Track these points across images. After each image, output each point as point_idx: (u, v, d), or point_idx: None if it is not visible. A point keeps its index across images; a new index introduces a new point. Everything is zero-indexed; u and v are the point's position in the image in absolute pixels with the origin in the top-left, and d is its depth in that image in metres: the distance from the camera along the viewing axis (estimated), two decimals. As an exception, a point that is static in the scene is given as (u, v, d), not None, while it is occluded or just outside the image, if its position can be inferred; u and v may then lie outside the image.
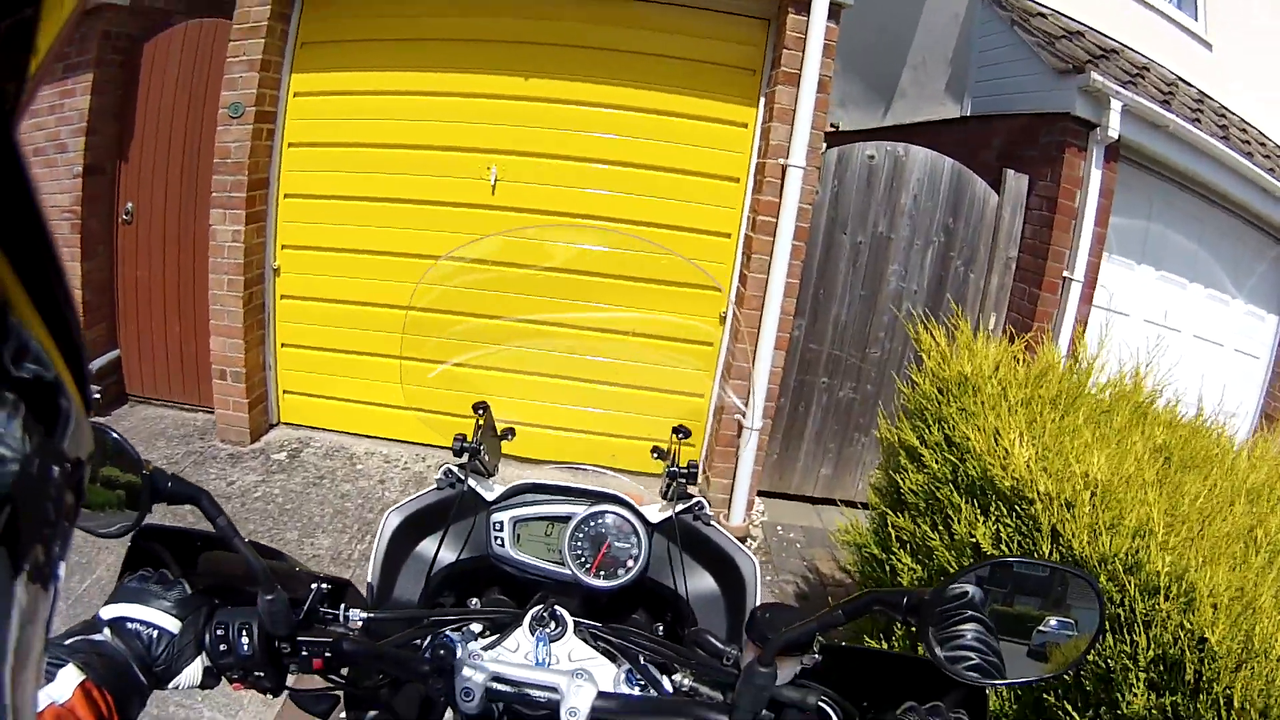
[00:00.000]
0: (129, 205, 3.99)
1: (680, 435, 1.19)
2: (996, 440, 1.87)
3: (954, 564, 1.86)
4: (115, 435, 0.72)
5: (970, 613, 0.64)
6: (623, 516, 1.12)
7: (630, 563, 1.11)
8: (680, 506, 1.12)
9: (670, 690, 0.88)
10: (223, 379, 3.61)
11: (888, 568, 2.15)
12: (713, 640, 0.89)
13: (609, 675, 0.89)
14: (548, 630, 0.92)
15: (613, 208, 3.39)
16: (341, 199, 3.57)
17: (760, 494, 3.66)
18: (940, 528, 1.95)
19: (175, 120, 3.74)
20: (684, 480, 1.13)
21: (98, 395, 3.98)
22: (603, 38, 3.32)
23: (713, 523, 1.13)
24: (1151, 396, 2.38)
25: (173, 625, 0.77)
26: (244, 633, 0.81)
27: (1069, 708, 1.48)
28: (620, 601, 1.17)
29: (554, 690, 0.81)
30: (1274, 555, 1.55)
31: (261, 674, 0.83)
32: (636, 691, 0.89)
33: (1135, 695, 1.36)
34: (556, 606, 0.94)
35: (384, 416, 3.73)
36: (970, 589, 0.64)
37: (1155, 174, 3.86)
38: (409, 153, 3.49)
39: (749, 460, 3.27)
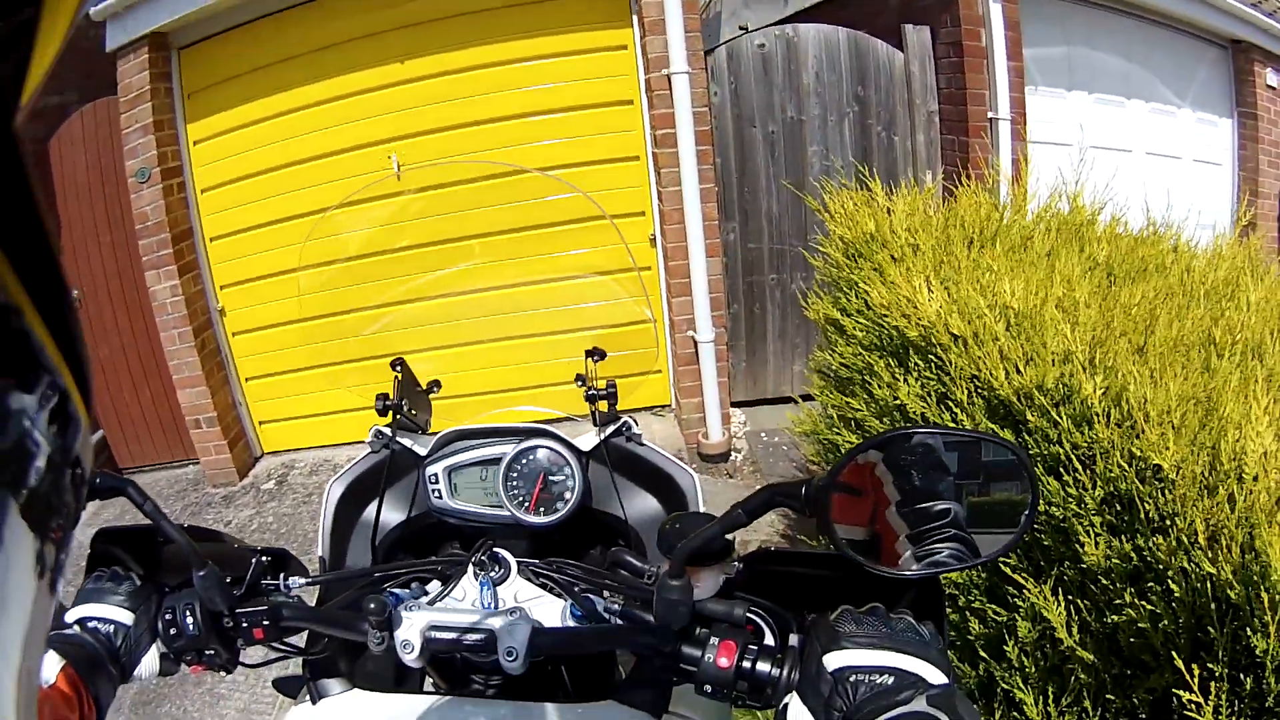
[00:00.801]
0: (75, 293, 4.05)
1: (594, 357, 1.17)
2: (900, 292, 1.77)
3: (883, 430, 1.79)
4: None
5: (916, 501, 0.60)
6: (553, 449, 1.10)
7: (568, 495, 1.09)
8: (609, 430, 1.10)
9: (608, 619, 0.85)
10: (198, 427, 3.66)
11: (841, 450, 2.08)
12: (630, 559, 0.86)
13: (555, 611, 0.89)
14: (491, 574, 0.91)
15: (518, 161, 3.36)
16: (265, 226, 3.59)
17: (738, 404, 3.62)
18: (866, 397, 1.88)
19: (94, 200, 3.81)
20: (606, 400, 1.11)
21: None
22: (459, 3, 3.29)
23: (645, 441, 1.11)
24: (1092, 216, 2.27)
25: (125, 617, 0.80)
26: (189, 613, 0.82)
27: (1028, 570, 1.34)
28: (571, 537, 1.15)
29: (490, 632, 0.79)
30: (1243, 353, 1.40)
31: (212, 651, 0.84)
32: (578, 625, 0.87)
33: (1092, 543, 1.21)
34: (496, 549, 0.93)
35: (359, 421, 3.73)
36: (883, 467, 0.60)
37: (1058, -4, 3.73)
38: (314, 164, 3.50)
39: (711, 373, 3.24)
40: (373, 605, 0.82)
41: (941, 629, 0.64)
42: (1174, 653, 1.09)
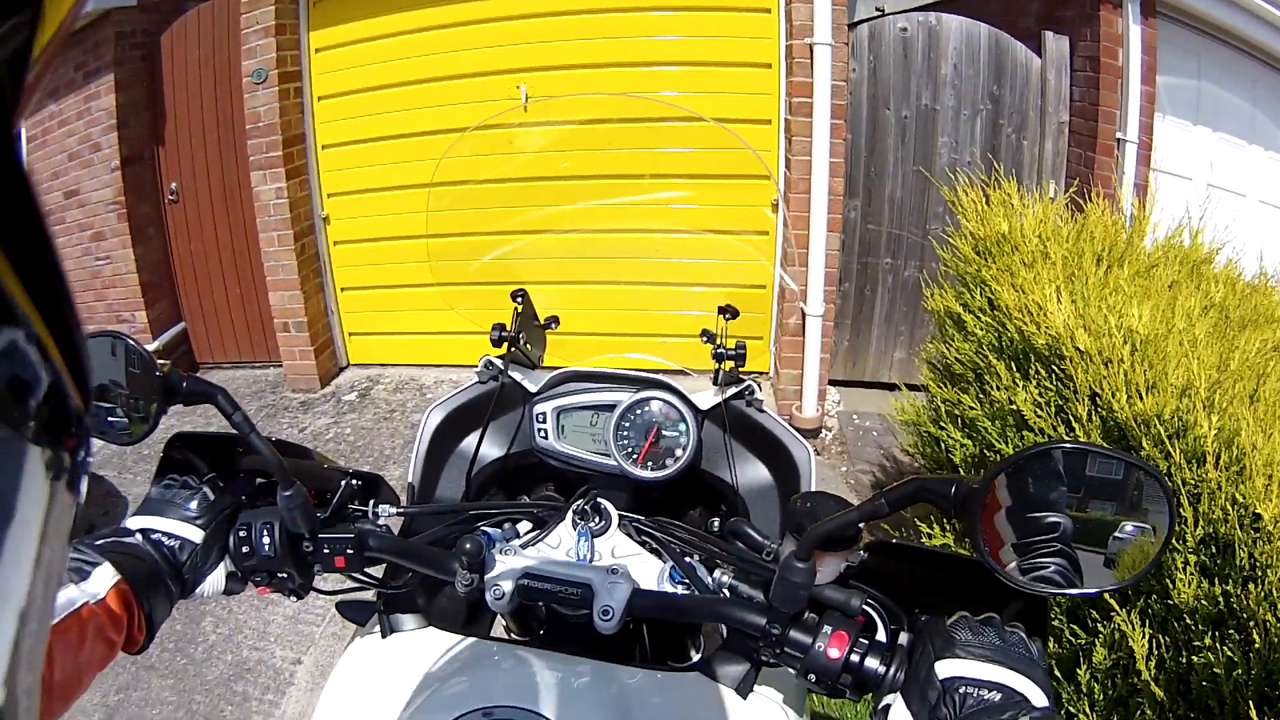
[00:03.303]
0: (173, 186, 4.04)
1: (727, 315, 1.10)
2: (1032, 297, 1.77)
3: (997, 436, 1.76)
4: (130, 341, 0.71)
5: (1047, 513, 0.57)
6: (670, 403, 1.04)
7: (679, 452, 1.03)
8: (730, 391, 1.04)
9: (712, 588, 0.81)
10: (286, 331, 3.65)
11: (942, 445, 2.05)
12: (751, 533, 0.82)
13: (653, 572, 0.85)
14: (590, 525, 0.88)
15: (646, 109, 3.26)
16: (380, 140, 3.60)
17: (834, 383, 3.55)
18: (981, 396, 1.87)
19: (205, 99, 3.84)
20: (733, 361, 1.05)
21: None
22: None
23: (765, 408, 1.05)
24: (1209, 255, 2.18)
25: (194, 535, 0.76)
26: (265, 532, 0.78)
27: (1116, 596, 1.33)
28: (674, 496, 1.11)
29: (587, 587, 0.76)
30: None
31: (285, 575, 0.80)
32: (678, 590, 0.84)
33: (1184, 582, 1.19)
34: (600, 499, 0.89)
35: (451, 345, 3.78)
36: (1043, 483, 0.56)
37: (1197, 30, 3.61)
38: (435, 85, 3.49)
39: (815, 348, 3.17)
40: (469, 546, 0.79)
41: (1045, 647, 0.62)
42: (1239, 699, 1.08)
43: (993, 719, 0.54)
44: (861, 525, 0.63)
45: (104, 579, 0.66)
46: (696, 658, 1.05)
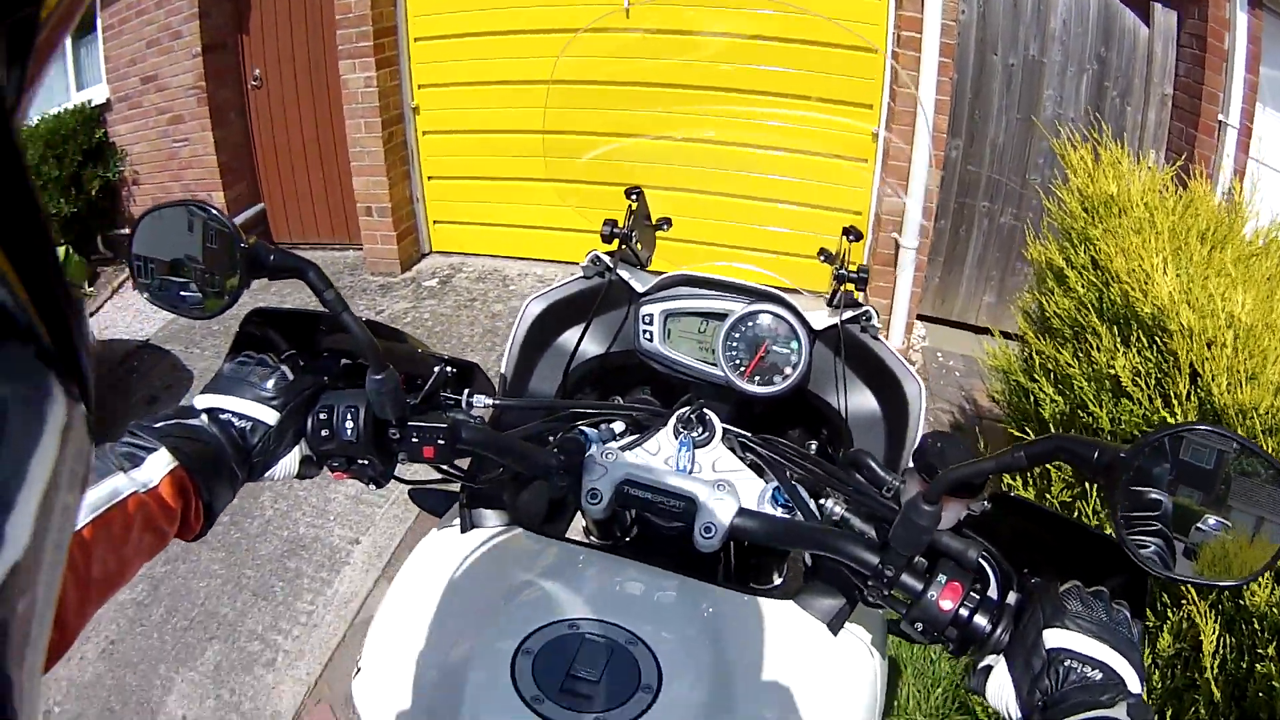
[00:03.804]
0: (256, 72, 4.04)
1: (850, 236, 1.06)
2: (1140, 264, 1.74)
3: (1092, 398, 1.72)
4: (213, 210, 0.65)
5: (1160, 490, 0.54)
6: (784, 319, 1.00)
7: (788, 370, 0.99)
8: (847, 314, 0.98)
9: (819, 516, 0.78)
10: (369, 215, 3.70)
11: (1032, 398, 2.04)
12: (874, 466, 0.77)
13: (753, 492, 0.82)
14: (693, 435, 0.84)
15: (751, 26, 3.23)
16: (473, 36, 3.60)
17: (921, 318, 3.55)
18: (1080, 355, 1.84)
19: None
20: (854, 284, 1.01)
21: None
22: None
23: (880, 337, 1.00)
24: None
25: (268, 416, 0.70)
26: (349, 416, 0.72)
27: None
28: (772, 416, 1.07)
29: (691, 501, 0.73)
30: None
31: (365, 462, 0.75)
32: (781, 513, 0.81)
33: (1260, 584, 1.15)
34: (706, 410, 0.85)
35: (537, 239, 3.80)
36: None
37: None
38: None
39: (906, 281, 3.18)
40: (570, 444, 0.77)
41: (1145, 629, 0.60)
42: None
43: (1092, 698, 0.52)
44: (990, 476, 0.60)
45: (158, 465, 0.62)
46: (778, 582, 1.02)
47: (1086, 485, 1.61)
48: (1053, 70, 3.37)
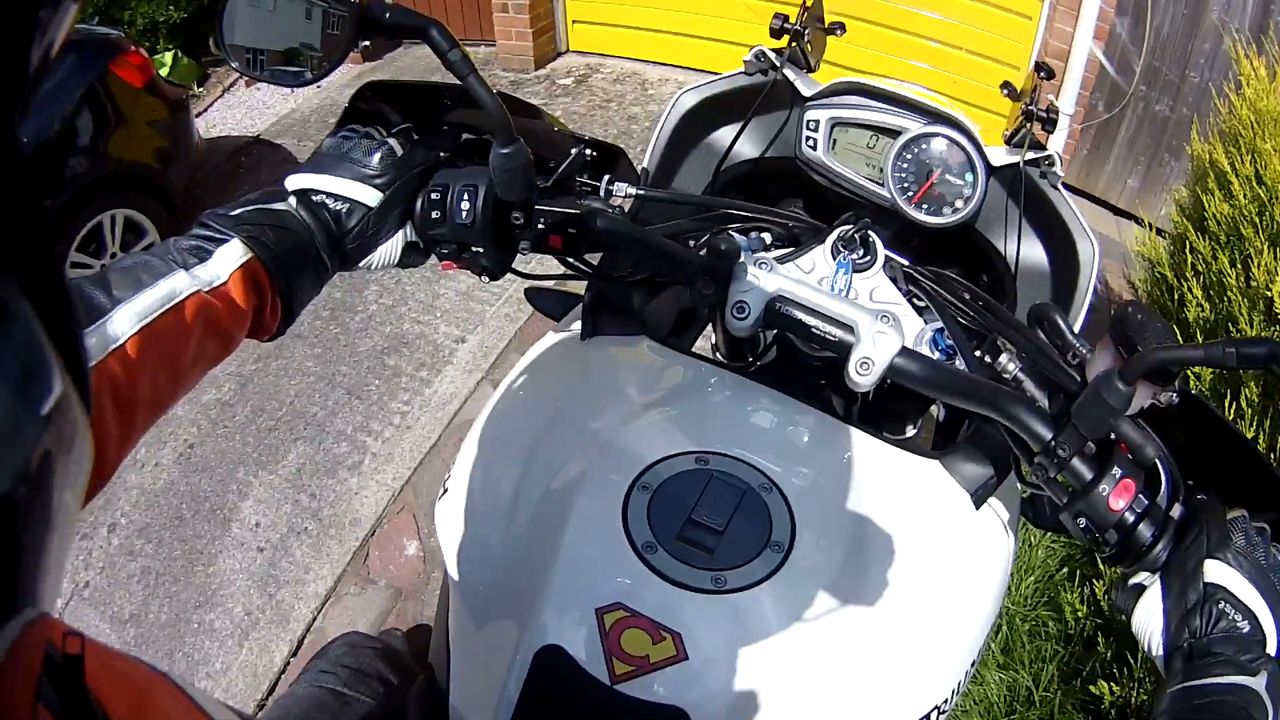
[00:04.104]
0: None
1: (1042, 73, 0.95)
2: None
3: (1244, 314, 1.63)
4: None
5: None
6: (963, 146, 0.91)
7: (959, 204, 0.91)
8: (1030, 155, 0.89)
9: (984, 371, 0.69)
10: (504, 11, 3.68)
11: (1175, 296, 1.97)
12: (1064, 326, 0.64)
13: (912, 330, 0.74)
14: (853, 257, 0.75)
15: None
16: None
17: (1065, 186, 3.45)
18: (1239, 266, 1.76)
19: None
20: (1041, 124, 0.91)
21: (367, 43, 4.11)
22: None
23: (1060, 186, 0.91)
24: None
25: (368, 196, 0.63)
26: (466, 196, 0.64)
27: None
28: (929, 252, 0.98)
29: (849, 330, 0.65)
30: None
31: (480, 250, 0.66)
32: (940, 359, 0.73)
33: None
34: (870, 232, 0.76)
35: (681, 44, 3.67)
36: None
37: None
38: None
39: (1057, 144, 3.05)
40: (724, 246, 0.68)
41: None
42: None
43: (1235, 655, 0.49)
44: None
45: (228, 259, 0.56)
46: (911, 432, 0.96)
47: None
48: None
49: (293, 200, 0.62)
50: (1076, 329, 0.66)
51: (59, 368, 0.18)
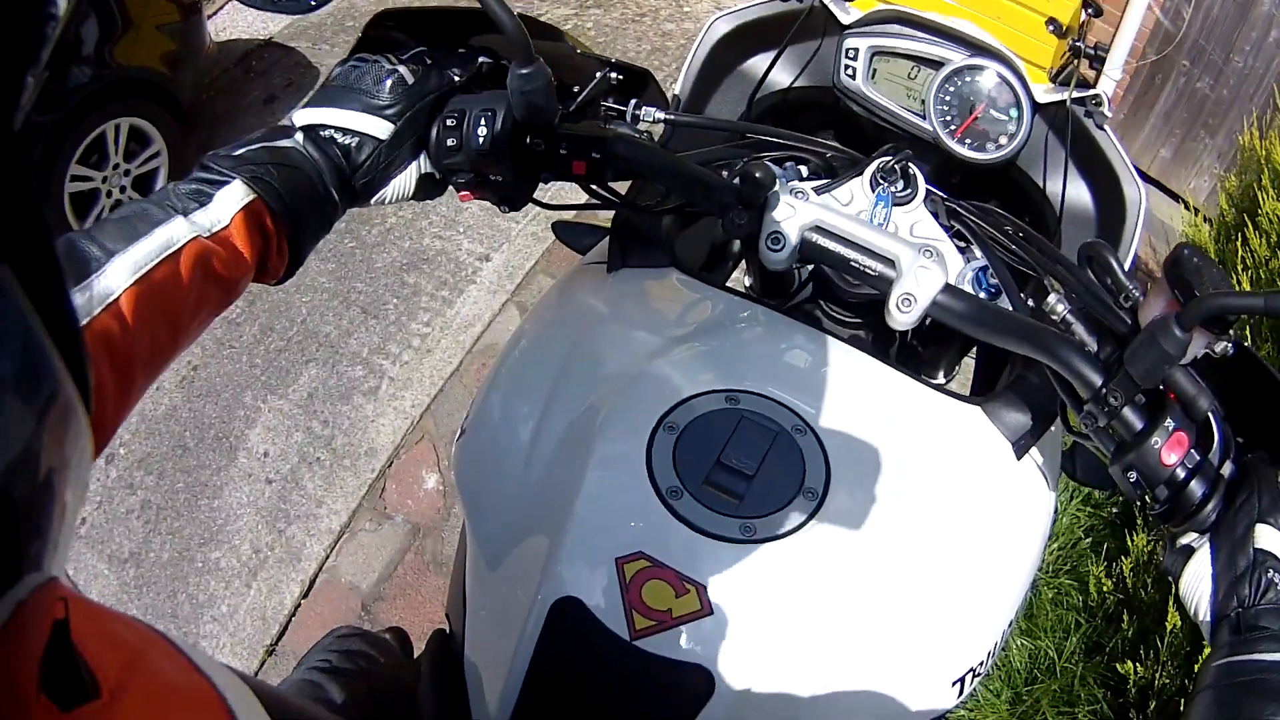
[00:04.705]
0: None
1: (1090, 10, 0.94)
2: None
3: None
4: None
5: None
6: (1008, 81, 0.88)
7: (1004, 140, 0.88)
8: (1076, 93, 0.86)
9: (1031, 312, 0.67)
10: None
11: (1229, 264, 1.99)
12: (1117, 266, 0.60)
13: (955, 267, 0.71)
14: (894, 190, 0.72)
15: None
16: None
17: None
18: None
19: None
20: (1090, 61, 0.91)
21: None
22: None
23: (1106, 127, 0.88)
24: None
25: (379, 129, 0.59)
26: (483, 120, 0.60)
27: None
28: (970, 190, 0.95)
29: (890, 264, 0.62)
30: None
31: (500, 178, 0.63)
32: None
33: None
34: (911, 164, 0.73)
35: None
36: None
37: None
38: None
39: (1106, 90, 3.02)
40: (759, 173, 0.64)
41: None
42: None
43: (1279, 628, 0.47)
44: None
45: (230, 202, 0.53)
46: (942, 380, 0.93)
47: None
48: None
49: (299, 136, 0.59)
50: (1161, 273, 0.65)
51: (53, 351, 0.18)
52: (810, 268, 0.82)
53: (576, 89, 0.67)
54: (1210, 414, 0.54)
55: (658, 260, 0.73)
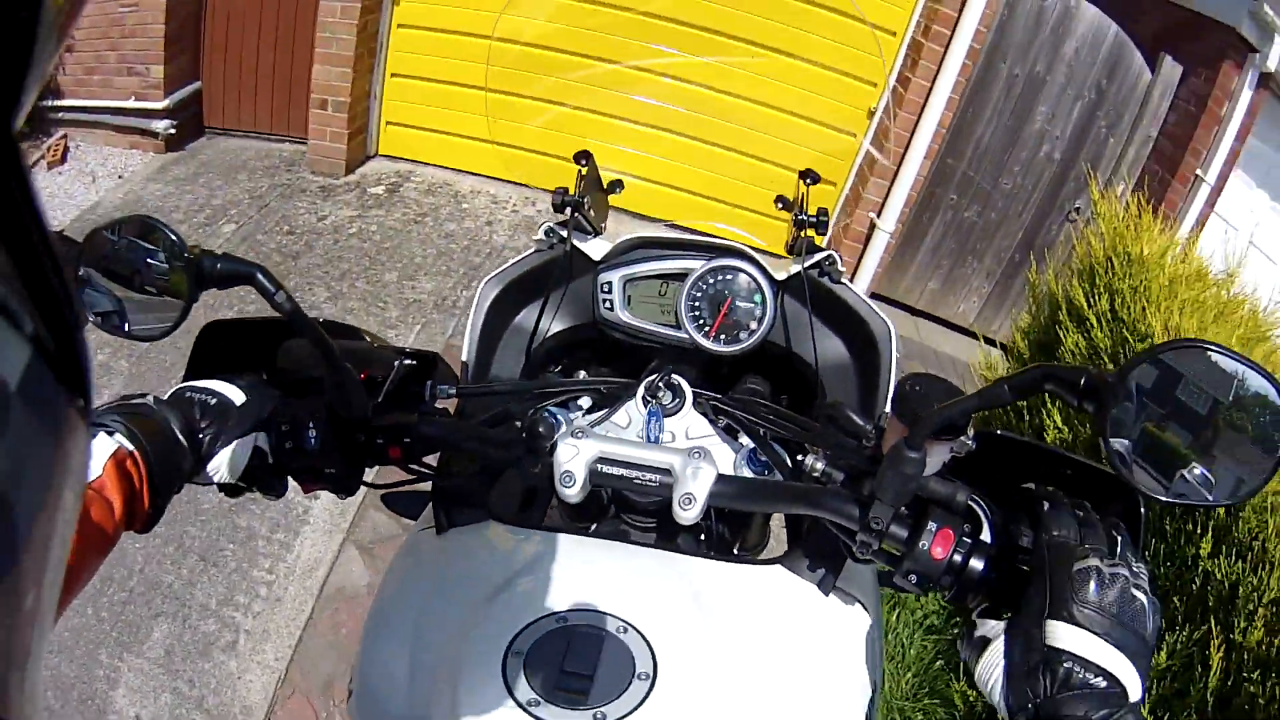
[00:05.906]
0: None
1: (808, 180, 1.02)
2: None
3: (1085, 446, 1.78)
4: (157, 222, 0.62)
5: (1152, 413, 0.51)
6: (746, 272, 0.98)
7: (754, 325, 0.98)
8: (809, 261, 0.96)
9: (798, 474, 0.77)
10: (323, 108, 3.41)
11: (1028, 419, 2.08)
12: (850, 416, 0.73)
13: (728, 457, 0.81)
14: (664, 403, 0.83)
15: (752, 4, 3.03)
16: None
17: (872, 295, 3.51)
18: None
19: None
20: (814, 228, 0.97)
21: (173, 131, 3.58)
22: None
23: (844, 280, 0.99)
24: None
25: (236, 396, 0.67)
26: (311, 423, 0.69)
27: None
28: (741, 373, 1.05)
29: (667, 473, 0.70)
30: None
31: (333, 471, 0.71)
32: (759, 475, 0.80)
33: (1254, 628, 1.31)
34: (674, 376, 0.84)
35: (494, 155, 3.37)
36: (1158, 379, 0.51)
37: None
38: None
39: (873, 261, 3.25)
40: (540, 427, 0.74)
41: (1145, 561, 0.55)
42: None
43: (1089, 714, 0.48)
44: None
45: (100, 453, 0.55)
46: (757, 545, 1.02)
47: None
48: (1052, 89, 3.56)
49: (150, 398, 0.64)
50: (887, 404, 0.74)
51: (46, 359, 0.18)
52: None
53: (380, 378, 0.74)
54: (970, 502, 0.61)
55: (477, 516, 0.79)
